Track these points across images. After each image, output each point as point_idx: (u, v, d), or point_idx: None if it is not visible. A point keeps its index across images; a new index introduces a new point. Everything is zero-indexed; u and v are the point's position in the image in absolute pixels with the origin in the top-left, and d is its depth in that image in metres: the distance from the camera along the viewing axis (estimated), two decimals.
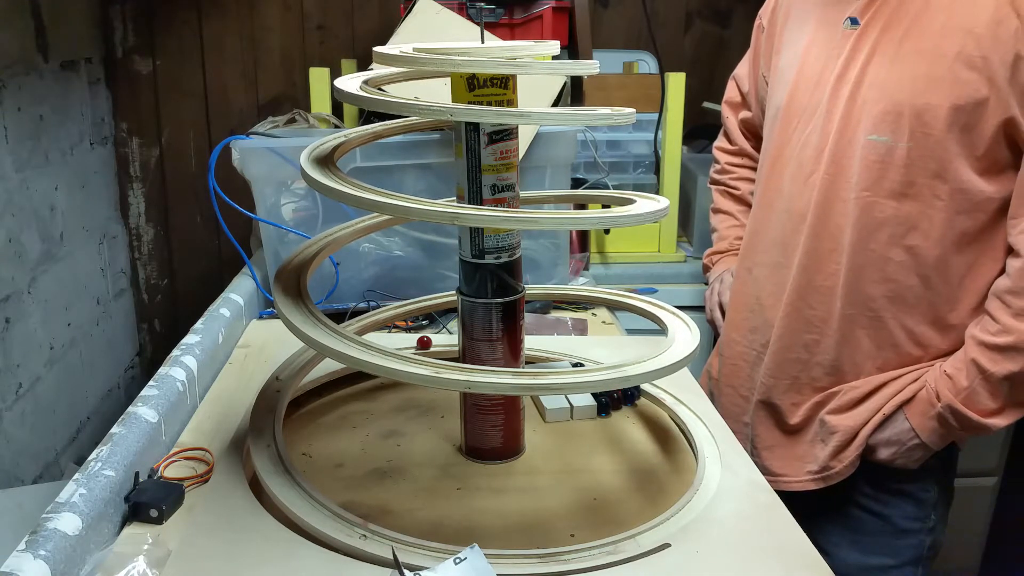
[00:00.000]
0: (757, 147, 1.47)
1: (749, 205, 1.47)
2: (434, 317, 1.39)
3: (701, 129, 2.18)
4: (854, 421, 1.21)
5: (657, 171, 1.93)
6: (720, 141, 1.58)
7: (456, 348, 0.98)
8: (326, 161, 0.87)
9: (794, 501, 1.22)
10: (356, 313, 1.26)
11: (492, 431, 0.97)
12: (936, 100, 1.10)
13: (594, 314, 1.47)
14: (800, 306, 1.24)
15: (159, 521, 0.84)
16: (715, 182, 1.59)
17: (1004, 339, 1.11)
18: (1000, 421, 1.15)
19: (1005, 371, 1.12)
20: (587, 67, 0.85)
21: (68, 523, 0.76)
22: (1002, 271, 1.15)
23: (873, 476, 1.24)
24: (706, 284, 1.59)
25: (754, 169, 1.48)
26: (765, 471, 1.27)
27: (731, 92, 1.54)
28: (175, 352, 1.14)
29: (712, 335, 1.57)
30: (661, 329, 0.95)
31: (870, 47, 1.15)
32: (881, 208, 1.15)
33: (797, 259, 1.23)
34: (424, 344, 1.23)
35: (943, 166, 1.12)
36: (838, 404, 1.23)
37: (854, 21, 1.18)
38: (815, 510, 1.27)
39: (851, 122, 1.17)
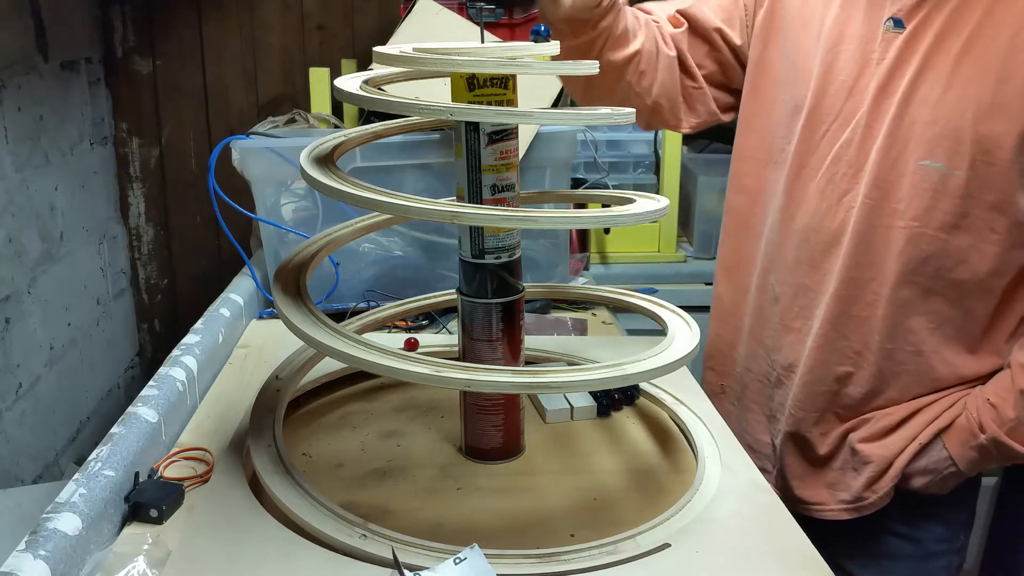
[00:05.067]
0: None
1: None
2: (434, 317, 1.39)
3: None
4: (888, 451, 1.14)
5: (657, 171, 1.93)
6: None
7: (455, 348, 0.98)
8: (326, 160, 0.87)
9: (820, 524, 1.14)
10: (356, 313, 1.26)
11: (492, 431, 0.97)
12: (1002, 128, 1.00)
13: (594, 314, 1.47)
14: (833, 337, 1.14)
15: (159, 521, 0.84)
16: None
17: None
18: None
19: None
20: (587, 67, 0.85)
21: (68, 523, 0.76)
22: None
23: (905, 501, 1.17)
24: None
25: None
26: (799, 501, 1.21)
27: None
28: (175, 352, 1.13)
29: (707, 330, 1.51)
30: (661, 328, 0.95)
31: (921, 59, 1.04)
32: (930, 240, 1.06)
33: (832, 287, 1.13)
34: (411, 346, 1.23)
35: (1004, 198, 1.03)
36: (870, 432, 1.15)
37: (898, 23, 1.07)
38: (843, 533, 1.21)
39: (897, 142, 1.06)
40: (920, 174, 1.05)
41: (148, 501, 0.85)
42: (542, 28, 0.89)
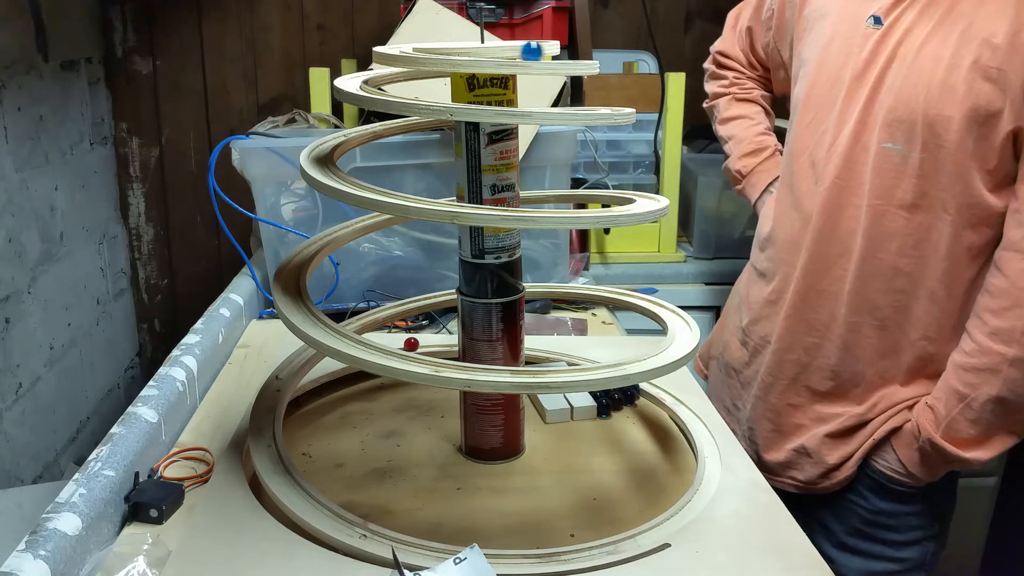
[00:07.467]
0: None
1: (765, 109, 1.44)
2: (434, 317, 1.39)
3: (701, 129, 2.18)
4: (849, 448, 1.22)
5: (657, 171, 1.93)
6: (723, 47, 1.49)
7: (455, 348, 0.98)
8: (326, 160, 0.87)
9: (799, 506, 1.21)
10: (356, 313, 1.26)
11: (492, 431, 0.97)
12: (949, 111, 1.07)
13: (594, 314, 1.47)
14: (803, 309, 1.22)
15: (159, 521, 0.84)
16: (718, 95, 1.49)
17: (979, 360, 1.09)
18: (983, 454, 1.12)
19: (984, 396, 1.09)
20: (587, 67, 0.85)
21: (68, 523, 0.76)
22: None
23: (879, 485, 1.23)
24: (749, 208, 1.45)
25: (767, 80, 1.45)
26: (761, 466, 1.27)
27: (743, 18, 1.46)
28: (175, 352, 1.14)
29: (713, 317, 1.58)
30: (661, 328, 0.95)
31: (891, 50, 1.13)
32: (892, 218, 1.13)
33: (802, 261, 1.22)
34: (411, 346, 1.23)
35: (953, 179, 1.10)
36: (836, 429, 1.22)
37: (877, 20, 1.15)
38: (820, 516, 1.27)
39: (867, 127, 1.14)
40: (883, 155, 1.13)
41: (148, 501, 0.85)
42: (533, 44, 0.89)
